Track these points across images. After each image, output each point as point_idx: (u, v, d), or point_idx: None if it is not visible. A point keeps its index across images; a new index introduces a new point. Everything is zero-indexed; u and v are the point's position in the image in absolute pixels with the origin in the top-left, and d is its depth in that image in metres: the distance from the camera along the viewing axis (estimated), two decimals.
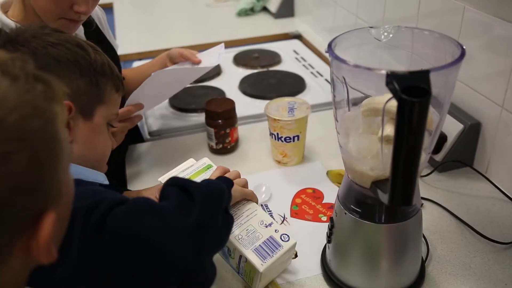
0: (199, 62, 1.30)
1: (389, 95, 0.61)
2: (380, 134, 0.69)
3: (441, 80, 0.68)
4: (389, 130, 0.67)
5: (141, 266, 0.59)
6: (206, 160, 0.93)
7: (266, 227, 0.83)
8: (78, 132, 0.79)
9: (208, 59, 1.31)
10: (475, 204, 1.05)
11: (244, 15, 2.35)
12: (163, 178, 0.91)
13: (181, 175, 0.90)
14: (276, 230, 0.83)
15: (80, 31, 1.12)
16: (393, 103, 0.60)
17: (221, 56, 1.30)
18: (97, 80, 0.81)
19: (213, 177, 0.86)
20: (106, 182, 0.82)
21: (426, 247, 0.93)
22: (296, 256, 0.89)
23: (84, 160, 0.80)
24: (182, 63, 1.34)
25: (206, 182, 0.75)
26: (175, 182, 0.72)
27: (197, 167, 0.91)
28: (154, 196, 0.93)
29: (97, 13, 1.26)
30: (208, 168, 0.91)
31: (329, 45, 0.73)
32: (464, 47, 0.68)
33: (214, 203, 0.70)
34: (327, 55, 0.73)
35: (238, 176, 0.89)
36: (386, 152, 0.69)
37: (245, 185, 0.88)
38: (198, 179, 0.89)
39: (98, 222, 0.59)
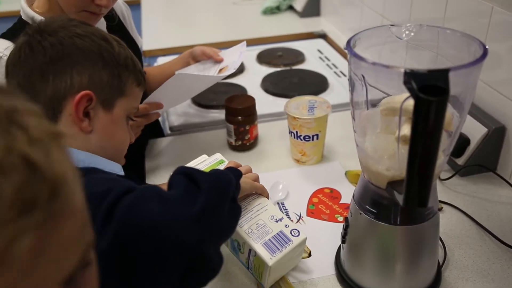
0: (221, 61, 1.31)
1: (408, 94, 0.60)
2: (397, 134, 0.68)
3: (461, 80, 0.66)
4: (407, 130, 0.66)
5: (146, 252, 0.60)
6: (218, 156, 0.93)
7: (277, 221, 0.83)
8: (97, 123, 0.80)
9: (230, 58, 1.31)
10: (496, 210, 1.02)
11: (270, 14, 2.35)
12: None
13: None
14: (286, 225, 0.82)
15: (102, 25, 1.14)
16: (411, 102, 0.59)
17: (243, 55, 1.30)
18: (119, 72, 0.82)
19: None
20: (122, 172, 0.83)
21: (443, 252, 0.91)
22: (310, 255, 0.88)
23: (102, 150, 0.81)
24: (204, 61, 1.35)
25: (213, 171, 0.75)
26: (182, 171, 0.72)
27: (209, 162, 0.91)
28: None
29: (121, 8, 1.28)
30: (220, 163, 0.91)
31: (348, 42, 0.72)
32: (487, 47, 0.66)
33: (221, 192, 0.70)
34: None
35: (250, 170, 0.89)
36: (403, 152, 0.68)
37: (256, 179, 0.88)
38: None
39: (107, 209, 0.60)
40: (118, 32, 1.19)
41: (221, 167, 0.90)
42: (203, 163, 0.91)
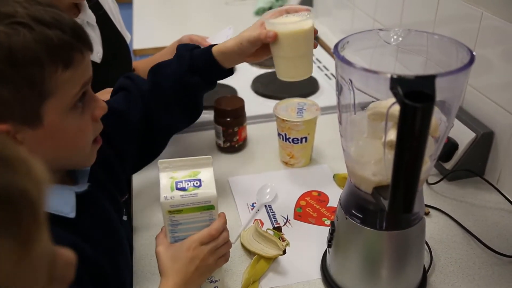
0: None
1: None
2: (384, 139, 0.67)
3: (448, 86, 0.66)
4: (393, 135, 0.66)
5: None
6: (212, 197, 0.75)
7: (211, 282, 0.82)
8: (31, 142, 0.62)
9: (216, 42, 1.31)
10: (483, 215, 1.02)
11: (262, 14, 2.34)
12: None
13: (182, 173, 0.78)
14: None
15: (92, 20, 1.12)
16: (398, 108, 0.58)
17: (229, 38, 1.30)
18: (24, 73, 0.58)
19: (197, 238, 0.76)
20: (72, 215, 0.68)
21: (429, 256, 0.91)
22: (284, 252, 0.88)
23: (52, 163, 0.63)
24: None
25: None
26: None
27: (198, 201, 0.75)
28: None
29: (109, 4, 1.27)
30: (208, 209, 0.76)
31: (335, 46, 0.71)
32: (474, 53, 0.66)
33: None
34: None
35: (226, 238, 0.79)
36: (389, 158, 0.67)
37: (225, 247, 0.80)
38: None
39: None
40: (105, 24, 1.18)
41: (206, 213, 0.76)
42: (194, 180, 0.77)
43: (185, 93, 0.99)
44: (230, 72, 1.02)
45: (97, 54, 1.13)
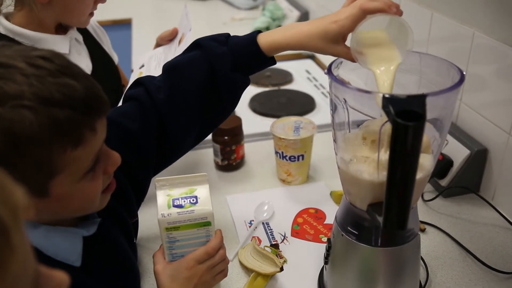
0: (176, 32, 1.37)
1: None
2: (377, 157, 0.69)
3: (440, 105, 0.68)
4: (386, 153, 0.67)
5: None
6: (208, 213, 0.77)
7: None
8: (37, 206, 0.58)
9: (182, 27, 1.34)
10: (478, 232, 1.03)
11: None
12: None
13: (177, 191, 0.79)
14: None
15: (80, 38, 1.17)
16: (390, 126, 0.60)
17: (190, 16, 1.34)
18: (29, 157, 0.55)
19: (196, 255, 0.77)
20: (77, 263, 0.67)
21: (425, 273, 0.92)
22: (282, 269, 0.89)
23: (59, 217, 0.67)
24: (167, 45, 1.36)
25: None
26: None
27: (195, 218, 0.76)
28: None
29: (92, 26, 1.30)
30: (205, 225, 0.77)
31: (329, 68, 0.73)
32: (464, 73, 0.68)
33: None
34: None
35: (223, 256, 0.81)
36: (383, 175, 0.69)
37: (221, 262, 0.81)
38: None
39: None
40: (91, 44, 1.23)
41: (203, 229, 0.78)
42: (190, 197, 0.79)
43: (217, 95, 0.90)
44: (274, 61, 0.91)
45: (87, 66, 1.18)
